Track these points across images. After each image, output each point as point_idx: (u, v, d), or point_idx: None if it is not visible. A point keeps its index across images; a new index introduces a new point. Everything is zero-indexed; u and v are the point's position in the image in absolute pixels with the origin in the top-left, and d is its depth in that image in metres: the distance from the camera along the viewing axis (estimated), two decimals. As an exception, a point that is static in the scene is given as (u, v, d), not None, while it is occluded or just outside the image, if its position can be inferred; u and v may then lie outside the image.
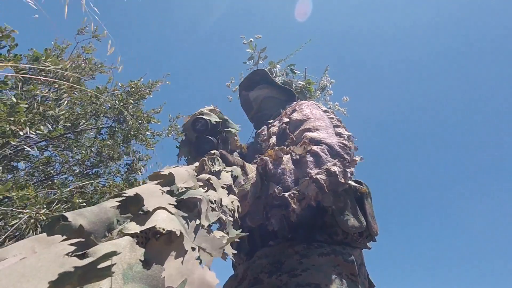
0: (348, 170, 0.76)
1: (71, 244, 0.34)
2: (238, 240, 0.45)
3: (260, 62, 1.40)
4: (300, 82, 1.33)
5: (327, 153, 0.77)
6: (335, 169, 0.73)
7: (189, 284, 0.37)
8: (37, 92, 1.57)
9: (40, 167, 2.22)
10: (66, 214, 0.34)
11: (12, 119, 1.35)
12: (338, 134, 0.85)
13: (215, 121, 0.84)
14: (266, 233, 0.84)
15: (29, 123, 1.48)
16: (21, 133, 1.40)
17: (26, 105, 1.45)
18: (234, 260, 0.94)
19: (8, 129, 1.35)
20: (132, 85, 2.16)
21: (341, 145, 0.80)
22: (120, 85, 2.16)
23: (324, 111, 0.97)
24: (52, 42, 1.89)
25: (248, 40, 1.41)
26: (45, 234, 0.33)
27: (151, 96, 2.23)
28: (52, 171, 2.31)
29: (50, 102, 1.68)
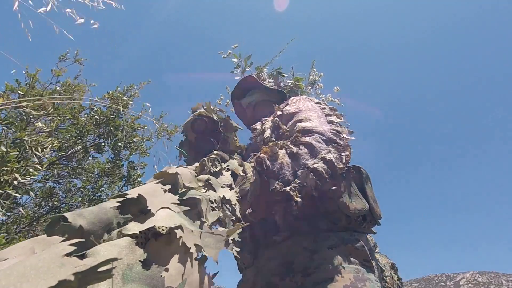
0: (343, 154, 0.77)
1: (71, 245, 0.34)
2: (239, 240, 0.44)
3: (247, 69, 1.40)
4: (289, 81, 1.34)
5: (320, 141, 0.78)
6: (330, 156, 0.73)
7: (188, 284, 0.37)
8: (25, 138, 1.60)
9: (46, 198, 2.22)
10: (66, 214, 0.34)
11: (5, 169, 1.37)
12: (330, 122, 0.85)
13: (215, 121, 0.84)
14: (268, 228, 0.83)
15: (22, 169, 1.49)
16: (15, 182, 1.41)
17: (17, 152, 1.47)
18: (238, 257, 0.92)
19: (2, 180, 1.37)
20: (111, 96, 2.18)
21: (333, 131, 0.81)
22: (96, 98, 2.19)
23: (316, 103, 0.98)
24: (24, 72, 1.98)
25: (226, 53, 1.42)
26: (44, 236, 0.34)
27: (131, 103, 2.24)
28: (56, 203, 2.30)
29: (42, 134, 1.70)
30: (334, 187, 0.77)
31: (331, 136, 0.79)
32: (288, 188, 0.68)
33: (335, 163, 0.73)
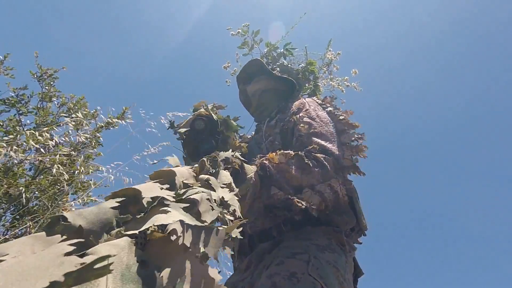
0: (348, 187, 0.83)
1: (71, 245, 0.34)
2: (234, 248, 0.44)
3: (255, 46, 1.32)
4: (301, 65, 1.27)
5: (333, 167, 0.80)
6: (337, 189, 0.78)
7: (191, 282, 0.37)
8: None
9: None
10: (66, 214, 0.34)
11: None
12: (344, 144, 0.87)
13: (215, 121, 0.85)
14: (264, 235, 0.86)
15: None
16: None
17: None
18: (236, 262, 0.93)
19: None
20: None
21: (348, 159, 0.84)
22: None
23: (329, 113, 0.97)
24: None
25: (236, 31, 1.32)
26: (43, 233, 0.34)
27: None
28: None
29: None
30: (333, 208, 0.82)
31: (344, 165, 0.82)
32: (290, 200, 0.71)
33: (340, 196, 0.79)
